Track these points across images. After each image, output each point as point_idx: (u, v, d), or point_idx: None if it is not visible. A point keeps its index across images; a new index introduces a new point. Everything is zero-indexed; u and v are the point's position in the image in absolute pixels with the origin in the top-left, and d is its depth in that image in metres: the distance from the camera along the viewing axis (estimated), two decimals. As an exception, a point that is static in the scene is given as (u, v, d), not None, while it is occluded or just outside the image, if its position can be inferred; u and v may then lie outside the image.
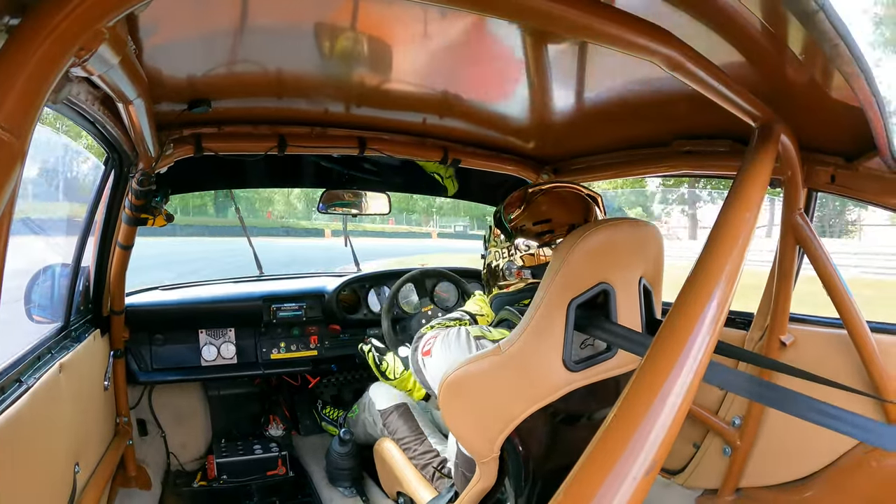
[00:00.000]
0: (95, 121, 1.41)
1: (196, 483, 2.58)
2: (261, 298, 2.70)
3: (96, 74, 0.89)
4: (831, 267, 1.64)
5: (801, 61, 1.03)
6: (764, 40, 1.00)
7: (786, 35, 0.94)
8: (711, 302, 0.84)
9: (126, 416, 2.29)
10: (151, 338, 2.51)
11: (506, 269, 1.56)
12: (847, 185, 1.60)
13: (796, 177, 1.57)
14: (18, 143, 0.57)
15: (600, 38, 0.90)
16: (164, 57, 1.33)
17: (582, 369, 1.33)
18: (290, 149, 2.06)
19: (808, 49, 0.97)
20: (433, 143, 2.33)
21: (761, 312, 1.94)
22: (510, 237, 1.53)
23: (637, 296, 1.41)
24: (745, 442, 1.96)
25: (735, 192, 1.02)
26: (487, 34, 1.27)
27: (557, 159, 2.53)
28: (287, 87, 1.68)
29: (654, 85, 1.46)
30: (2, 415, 1.14)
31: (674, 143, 1.94)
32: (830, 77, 1.09)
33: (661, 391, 0.74)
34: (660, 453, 0.69)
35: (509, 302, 1.56)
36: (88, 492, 1.67)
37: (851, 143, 1.53)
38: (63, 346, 1.68)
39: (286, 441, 2.86)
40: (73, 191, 5.46)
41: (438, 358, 1.49)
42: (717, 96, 1.09)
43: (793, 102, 1.29)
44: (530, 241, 1.50)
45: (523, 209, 1.52)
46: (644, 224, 1.43)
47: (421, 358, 1.55)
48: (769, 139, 1.18)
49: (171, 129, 1.84)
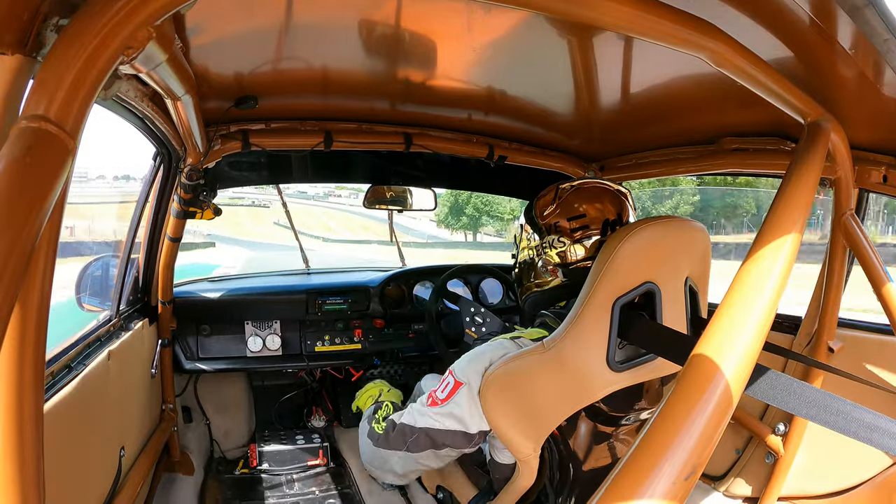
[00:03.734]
0: (145, 117, 1.45)
1: (238, 470, 2.63)
2: (306, 291, 2.72)
3: (144, 72, 0.91)
4: (882, 270, 1.57)
5: (851, 57, 1.00)
6: (812, 35, 0.97)
7: (835, 30, 0.92)
8: (758, 304, 0.83)
9: (172, 404, 2.36)
10: (198, 328, 2.57)
11: (540, 267, 1.53)
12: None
13: (847, 176, 1.50)
14: (70, 140, 0.58)
15: (645, 33, 0.89)
16: (211, 54, 1.36)
17: (626, 369, 1.31)
18: (336, 145, 2.07)
19: (858, 44, 0.95)
20: (479, 140, 2.32)
21: (809, 316, 1.90)
22: (543, 234, 1.51)
23: (683, 296, 1.38)
24: (790, 450, 1.91)
25: (784, 191, 1.00)
26: (532, 30, 1.26)
27: (604, 156, 2.49)
28: (333, 83, 1.69)
29: (701, 81, 1.43)
30: (52, 399, 1.18)
31: (722, 141, 1.90)
32: (882, 73, 1.06)
33: (704, 394, 0.73)
34: (701, 458, 0.69)
35: (543, 303, 1.54)
36: (133, 475, 1.72)
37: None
38: (112, 334, 1.74)
39: (328, 432, 2.89)
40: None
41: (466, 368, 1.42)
42: (765, 92, 1.07)
43: (843, 99, 1.25)
44: (564, 238, 1.47)
45: (556, 206, 1.49)
46: (690, 223, 1.41)
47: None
48: (819, 137, 1.14)
49: (219, 124, 1.87)
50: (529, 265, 1.57)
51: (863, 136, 1.49)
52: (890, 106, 1.22)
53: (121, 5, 0.63)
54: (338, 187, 46.63)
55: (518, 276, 1.64)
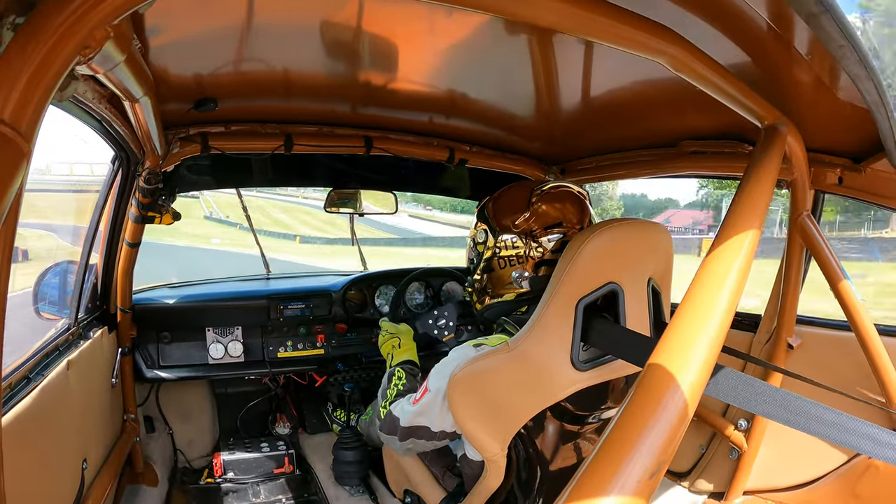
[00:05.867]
0: (102, 119, 1.42)
1: (203, 480, 2.59)
2: (267, 296, 2.69)
3: (102, 72, 0.90)
4: (838, 269, 1.64)
5: (808, 62, 1.03)
6: (770, 41, 0.99)
7: (792, 36, 0.94)
8: (718, 303, 0.84)
9: (133, 413, 2.31)
10: (159, 335, 2.52)
11: (503, 277, 1.54)
12: (855, 186, 1.60)
13: (803, 178, 1.56)
14: (24, 142, 0.57)
15: (606, 38, 0.90)
16: (171, 55, 1.34)
17: (590, 369, 1.33)
18: (297, 148, 2.06)
19: (814, 50, 0.97)
20: (440, 143, 2.33)
21: (768, 314, 1.94)
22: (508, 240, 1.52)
23: (646, 296, 1.41)
24: (753, 445, 1.95)
25: (742, 192, 1.02)
26: (494, 34, 1.27)
27: (565, 159, 2.53)
28: (293, 86, 1.68)
29: (661, 85, 1.46)
30: (10, 412, 1.14)
31: (681, 144, 1.93)
32: (837, 78, 1.09)
33: (667, 392, 0.73)
34: (666, 455, 0.69)
35: (505, 311, 1.55)
36: (96, 488, 1.68)
37: (859, 145, 1.52)
38: (71, 343, 1.69)
39: (293, 439, 2.87)
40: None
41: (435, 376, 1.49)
42: (724, 96, 1.09)
43: (800, 103, 1.29)
44: (530, 243, 1.49)
45: (523, 211, 1.50)
46: (653, 224, 1.44)
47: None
48: (776, 140, 1.18)
49: (178, 127, 1.85)
50: (491, 275, 1.57)
51: (818, 138, 1.53)
52: (845, 110, 1.25)
53: (78, 4, 0.62)
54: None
55: (480, 286, 1.62)
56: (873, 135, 1.29)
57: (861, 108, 1.15)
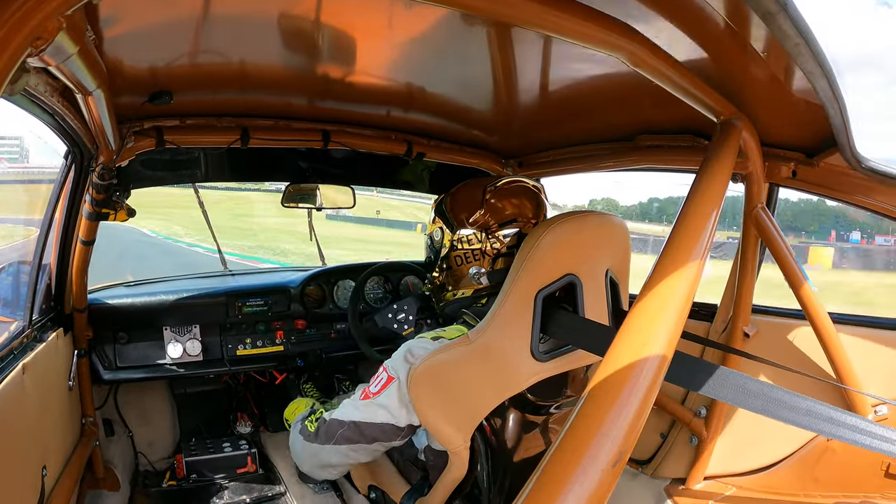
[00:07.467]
0: (55, 113, 1.38)
1: (165, 483, 2.55)
2: (225, 294, 2.65)
3: (54, 65, 0.88)
4: (792, 260, 1.70)
5: (763, 59, 1.06)
6: (727, 38, 1.02)
7: (748, 33, 0.97)
8: (676, 294, 0.87)
9: (92, 417, 2.25)
10: (116, 336, 2.45)
11: (462, 273, 1.55)
12: (808, 180, 1.65)
13: (758, 171, 1.61)
14: None
15: (563, 32, 0.92)
16: (125, 47, 1.31)
17: (550, 359, 1.35)
18: (254, 142, 2.04)
19: (770, 47, 1.00)
20: (398, 137, 2.33)
21: (724, 304, 1.98)
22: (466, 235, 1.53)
23: (604, 287, 1.44)
24: (712, 431, 1.99)
25: (697, 186, 1.05)
26: (452, 27, 1.28)
27: (522, 153, 2.55)
28: (250, 78, 1.67)
29: (618, 79, 1.48)
30: None
31: (638, 138, 1.97)
32: (792, 75, 1.13)
33: (627, 382, 0.75)
34: (627, 444, 0.71)
35: (466, 305, 1.55)
36: (57, 495, 1.64)
37: (812, 140, 1.57)
38: (26, 346, 1.64)
39: (255, 438, 2.84)
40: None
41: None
42: (680, 91, 1.13)
43: (755, 99, 1.33)
44: (489, 237, 1.51)
45: (480, 206, 1.51)
46: (610, 217, 1.47)
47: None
48: (731, 134, 1.22)
49: (132, 121, 1.80)
50: (450, 272, 1.58)
51: (773, 133, 1.57)
52: (799, 105, 1.28)
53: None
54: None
55: (439, 282, 1.64)
56: (826, 130, 1.33)
57: (815, 104, 1.18)
